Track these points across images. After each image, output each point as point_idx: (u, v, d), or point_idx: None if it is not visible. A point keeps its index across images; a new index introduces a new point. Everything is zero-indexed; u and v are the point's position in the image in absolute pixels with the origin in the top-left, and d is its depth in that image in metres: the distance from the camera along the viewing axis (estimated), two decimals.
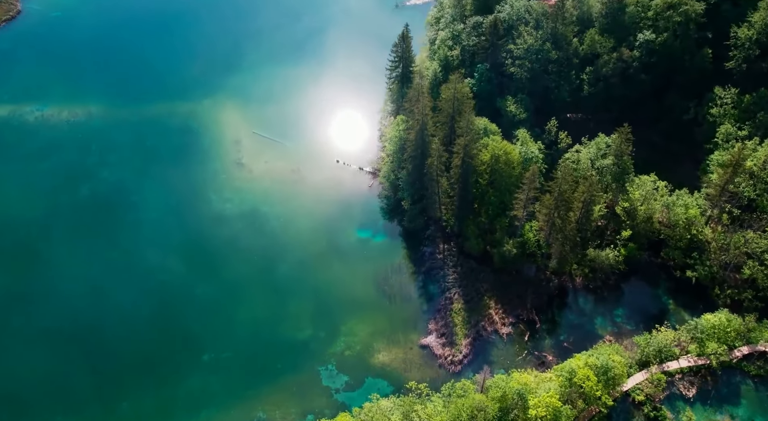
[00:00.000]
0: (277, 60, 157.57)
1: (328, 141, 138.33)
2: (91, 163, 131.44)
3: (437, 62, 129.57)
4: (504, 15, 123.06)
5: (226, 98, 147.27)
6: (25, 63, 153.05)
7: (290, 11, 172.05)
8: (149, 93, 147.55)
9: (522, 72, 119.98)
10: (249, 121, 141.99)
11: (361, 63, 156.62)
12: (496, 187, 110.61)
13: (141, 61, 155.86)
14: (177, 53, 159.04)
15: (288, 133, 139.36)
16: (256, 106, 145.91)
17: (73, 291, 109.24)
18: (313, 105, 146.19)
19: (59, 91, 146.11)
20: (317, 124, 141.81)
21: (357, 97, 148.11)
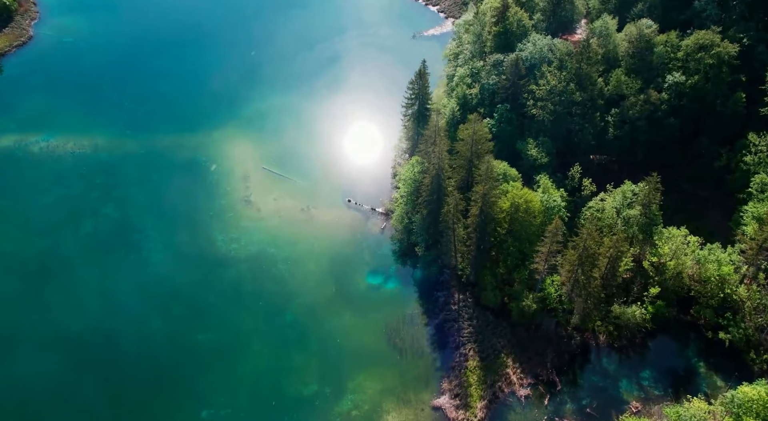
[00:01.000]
0: (290, 90, 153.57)
1: (339, 178, 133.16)
2: (95, 198, 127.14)
3: (455, 100, 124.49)
4: (526, 54, 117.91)
5: (237, 130, 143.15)
6: (33, 90, 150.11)
7: (305, 40, 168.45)
8: (158, 123, 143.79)
9: (544, 114, 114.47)
10: (259, 155, 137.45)
11: (375, 96, 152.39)
12: (516, 237, 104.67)
13: (151, 89, 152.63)
14: (188, 81, 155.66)
15: (298, 168, 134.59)
16: (267, 139, 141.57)
17: (67, 335, 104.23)
18: (325, 139, 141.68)
19: (66, 121, 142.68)
20: (329, 160, 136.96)
21: (370, 132, 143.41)
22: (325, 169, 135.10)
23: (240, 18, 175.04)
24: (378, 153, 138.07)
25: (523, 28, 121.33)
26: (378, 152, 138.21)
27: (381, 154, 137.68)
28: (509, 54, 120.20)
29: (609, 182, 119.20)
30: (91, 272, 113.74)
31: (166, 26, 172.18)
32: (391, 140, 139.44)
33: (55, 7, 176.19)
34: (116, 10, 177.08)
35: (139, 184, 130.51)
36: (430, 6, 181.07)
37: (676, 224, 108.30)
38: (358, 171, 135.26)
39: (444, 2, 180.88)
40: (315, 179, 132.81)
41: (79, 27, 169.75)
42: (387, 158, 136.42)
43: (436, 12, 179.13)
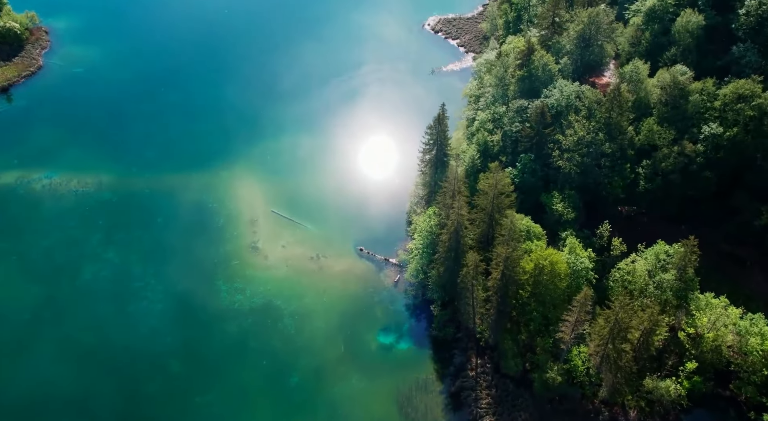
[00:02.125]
0: (303, 128, 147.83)
1: (351, 224, 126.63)
2: (96, 241, 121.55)
3: (475, 147, 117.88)
4: (552, 101, 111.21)
5: (246, 170, 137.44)
6: (39, 123, 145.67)
7: (320, 74, 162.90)
8: (165, 161, 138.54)
9: (571, 166, 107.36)
10: (268, 197, 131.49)
11: (391, 136, 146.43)
12: (540, 301, 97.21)
13: (160, 123, 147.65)
14: (197, 116, 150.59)
15: (309, 212, 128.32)
16: (277, 180, 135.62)
17: (58, 396, 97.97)
18: (338, 181, 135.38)
19: (71, 157, 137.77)
20: (341, 204, 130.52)
21: (385, 176, 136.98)
22: (336, 214, 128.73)
23: (255, 50, 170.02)
24: (393, 198, 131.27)
25: (548, 72, 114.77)
26: (393, 198, 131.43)
27: (396, 199, 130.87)
28: (534, 100, 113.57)
29: (638, 235, 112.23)
30: (86, 324, 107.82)
31: (180, 57, 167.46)
32: (407, 184, 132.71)
33: (67, 36, 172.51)
34: (129, 39, 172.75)
35: (142, 227, 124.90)
36: (450, 40, 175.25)
37: (712, 287, 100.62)
38: (371, 217, 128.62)
39: (464, 36, 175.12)
40: (326, 225, 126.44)
41: (90, 56, 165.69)
42: (402, 204, 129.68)
43: (455, 46, 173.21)
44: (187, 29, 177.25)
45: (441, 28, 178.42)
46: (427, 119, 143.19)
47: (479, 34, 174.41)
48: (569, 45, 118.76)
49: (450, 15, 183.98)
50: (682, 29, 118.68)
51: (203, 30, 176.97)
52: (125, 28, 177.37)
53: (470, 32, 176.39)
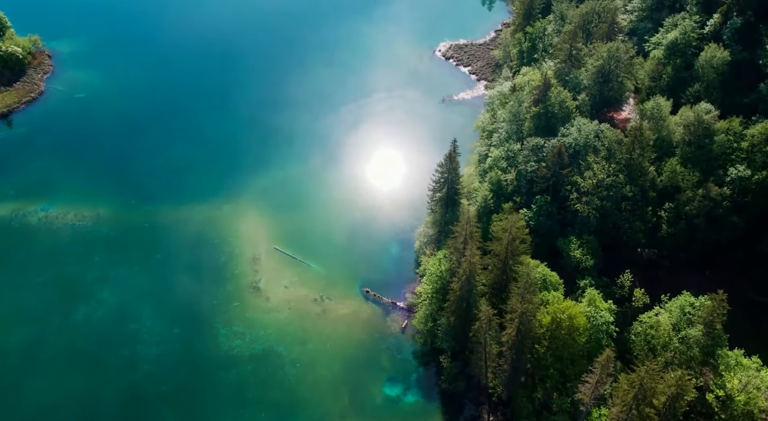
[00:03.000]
0: (310, 158, 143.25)
1: (357, 263, 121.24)
2: (91, 279, 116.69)
3: (488, 185, 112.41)
4: (569, 140, 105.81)
5: (249, 203, 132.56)
6: (38, 152, 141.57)
7: (329, 101, 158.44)
8: (166, 192, 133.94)
9: (589, 209, 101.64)
10: (271, 232, 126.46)
11: (400, 168, 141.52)
12: (557, 357, 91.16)
13: (162, 152, 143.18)
14: (202, 144, 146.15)
15: (313, 250, 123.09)
16: (281, 215, 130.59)
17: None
18: (344, 216, 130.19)
19: (69, 188, 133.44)
20: (347, 241, 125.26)
21: (393, 212, 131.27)
22: (342, 252, 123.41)
23: (263, 76, 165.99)
24: (401, 236, 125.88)
25: (566, 109, 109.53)
26: (401, 235, 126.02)
27: (404, 237, 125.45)
28: (550, 138, 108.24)
29: (659, 281, 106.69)
30: (76, 369, 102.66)
31: (185, 82, 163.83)
32: (416, 222, 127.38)
33: (70, 60, 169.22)
34: (133, 63, 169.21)
35: (140, 263, 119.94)
36: (461, 67, 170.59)
37: (741, 341, 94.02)
38: (378, 255, 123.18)
39: (476, 63, 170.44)
40: (331, 263, 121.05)
41: (93, 81, 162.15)
42: (411, 242, 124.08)
43: (467, 73, 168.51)
44: (193, 53, 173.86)
45: (452, 54, 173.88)
46: (438, 151, 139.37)
47: (491, 61, 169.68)
48: (587, 80, 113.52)
49: (461, 41, 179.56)
50: (706, 65, 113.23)
51: (210, 53, 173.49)
52: (130, 52, 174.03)
53: (482, 59, 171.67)
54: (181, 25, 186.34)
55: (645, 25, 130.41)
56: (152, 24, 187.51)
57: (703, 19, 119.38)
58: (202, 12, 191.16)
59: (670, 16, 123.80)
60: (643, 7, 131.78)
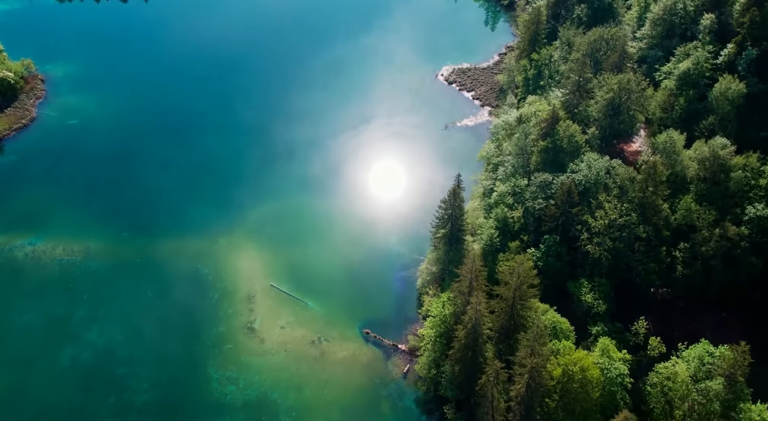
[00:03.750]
0: (307, 188, 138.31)
1: (356, 302, 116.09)
2: (79, 318, 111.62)
3: (493, 222, 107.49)
4: (579, 177, 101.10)
5: (245, 236, 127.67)
6: (27, 182, 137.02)
7: (327, 128, 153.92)
8: (159, 225, 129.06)
9: (601, 251, 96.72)
10: (268, 268, 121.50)
11: (401, 201, 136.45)
12: (569, 411, 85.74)
13: (156, 182, 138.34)
14: (197, 174, 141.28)
15: (311, 287, 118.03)
16: (278, 248, 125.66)
17: None
18: (344, 251, 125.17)
19: (58, 220, 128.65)
20: (346, 278, 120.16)
21: (394, 247, 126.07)
22: (341, 289, 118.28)
23: (261, 101, 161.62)
24: (403, 273, 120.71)
25: (575, 144, 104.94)
26: (403, 271, 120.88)
27: (406, 274, 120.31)
28: (559, 175, 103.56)
29: (674, 322, 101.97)
30: (59, 418, 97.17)
31: (181, 108, 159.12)
32: (418, 255, 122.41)
33: (64, 84, 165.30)
34: (129, 88, 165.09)
35: (130, 301, 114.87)
36: (465, 92, 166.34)
37: (763, 390, 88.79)
38: (378, 293, 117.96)
39: (479, 88, 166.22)
40: (329, 302, 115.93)
41: (86, 107, 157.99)
42: (413, 279, 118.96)
43: (470, 99, 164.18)
44: (190, 76, 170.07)
45: (455, 78, 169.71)
46: (441, 181, 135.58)
47: (495, 86, 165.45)
48: (597, 113, 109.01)
49: (464, 65, 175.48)
50: (721, 97, 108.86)
51: (207, 77, 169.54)
52: (126, 74, 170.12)
53: (486, 84, 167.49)
54: (178, 46, 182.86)
55: (655, 53, 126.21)
56: (149, 45, 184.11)
57: (716, 48, 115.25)
58: (199, 33, 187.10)
59: (682, 45, 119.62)
60: (652, 34, 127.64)
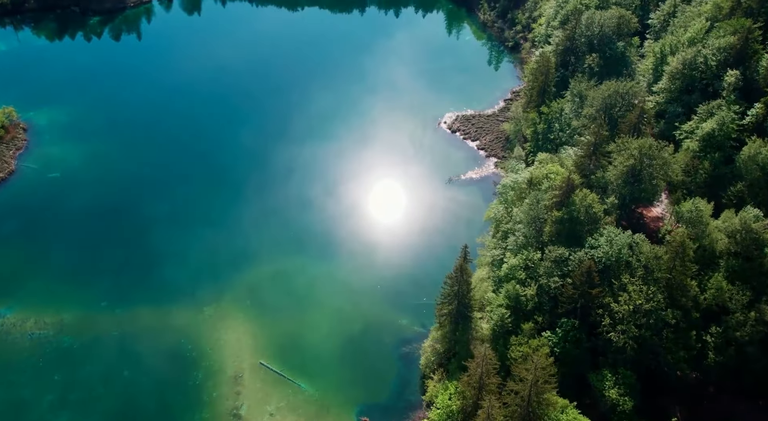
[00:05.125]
0: (301, 251, 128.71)
1: (354, 382, 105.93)
2: (47, 404, 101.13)
3: (504, 299, 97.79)
4: (599, 254, 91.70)
5: (234, 305, 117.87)
6: (1, 243, 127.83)
7: (324, 182, 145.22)
8: (141, 292, 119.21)
9: (625, 338, 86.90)
10: (257, 342, 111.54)
11: (402, 265, 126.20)
12: None
13: (140, 243, 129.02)
14: (184, 233, 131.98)
15: (304, 365, 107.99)
16: (269, 319, 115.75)
17: None
18: (340, 322, 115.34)
19: (32, 287, 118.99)
20: (342, 354, 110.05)
21: (394, 318, 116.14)
22: (337, 367, 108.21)
23: (252, 152, 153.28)
24: (404, 349, 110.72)
25: (593, 216, 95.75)
26: (404, 348, 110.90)
27: (408, 350, 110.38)
28: (576, 249, 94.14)
29: (704, 410, 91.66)
30: None
31: (169, 160, 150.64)
32: (421, 328, 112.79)
33: (47, 133, 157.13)
34: (116, 136, 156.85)
35: (105, 383, 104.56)
36: (469, 141, 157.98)
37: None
38: (378, 373, 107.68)
39: (484, 137, 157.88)
40: (324, 382, 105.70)
41: (69, 158, 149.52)
42: (415, 356, 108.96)
43: (475, 148, 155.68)
44: (181, 126, 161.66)
45: (459, 126, 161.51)
46: (444, 244, 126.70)
47: (501, 135, 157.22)
48: (616, 180, 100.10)
49: (468, 111, 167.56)
50: (750, 161, 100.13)
51: (199, 127, 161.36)
52: (113, 121, 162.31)
53: (491, 132, 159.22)
54: (170, 88, 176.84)
55: (674, 109, 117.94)
56: (141, 87, 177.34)
57: (742, 108, 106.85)
58: (193, 74, 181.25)
59: (704, 102, 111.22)
60: (671, 88, 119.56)
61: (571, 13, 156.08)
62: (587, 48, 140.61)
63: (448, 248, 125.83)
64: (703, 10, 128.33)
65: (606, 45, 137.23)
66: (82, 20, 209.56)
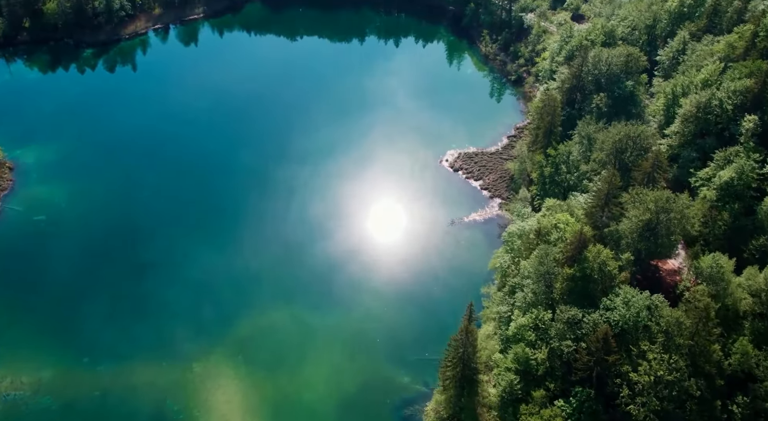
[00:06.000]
0: (295, 302, 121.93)
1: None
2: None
3: (512, 363, 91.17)
4: (616, 317, 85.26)
5: (223, 361, 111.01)
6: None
7: (321, 228, 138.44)
8: (127, 346, 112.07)
9: (646, 412, 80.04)
10: (248, 402, 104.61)
11: (404, 314, 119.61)
12: None
13: (127, 290, 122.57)
14: (173, 282, 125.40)
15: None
16: (260, 377, 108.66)
17: None
18: (337, 379, 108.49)
19: (9, 342, 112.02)
20: (338, 416, 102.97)
21: (394, 376, 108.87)
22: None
23: (247, 195, 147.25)
24: (406, 414, 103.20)
25: (607, 274, 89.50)
26: (406, 412, 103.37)
27: (410, 415, 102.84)
28: (590, 311, 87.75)
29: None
30: None
31: (160, 202, 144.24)
32: (423, 386, 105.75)
33: (34, 172, 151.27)
34: (105, 176, 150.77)
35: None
36: (472, 180, 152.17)
37: None
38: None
39: (488, 176, 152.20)
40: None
41: (56, 199, 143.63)
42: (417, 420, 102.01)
43: (478, 189, 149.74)
44: (171, 165, 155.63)
45: (461, 165, 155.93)
46: (448, 292, 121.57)
47: (505, 174, 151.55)
48: (631, 234, 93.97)
49: (471, 149, 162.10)
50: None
51: (192, 166, 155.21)
52: (104, 159, 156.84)
53: (495, 171, 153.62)
54: (163, 124, 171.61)
55: (689, 153, 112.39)
56: (134, 121, 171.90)
57: (762, 156, 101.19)
58: (184, 112, 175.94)
59: (721, 149, 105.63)
60: (684, 132, 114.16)
61: (577, 49, 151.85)
62: (594, 86, 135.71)
63: (451, 297, 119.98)
64: (715, 50, 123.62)
65: (614, 84, 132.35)
66: (75, 53, 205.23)
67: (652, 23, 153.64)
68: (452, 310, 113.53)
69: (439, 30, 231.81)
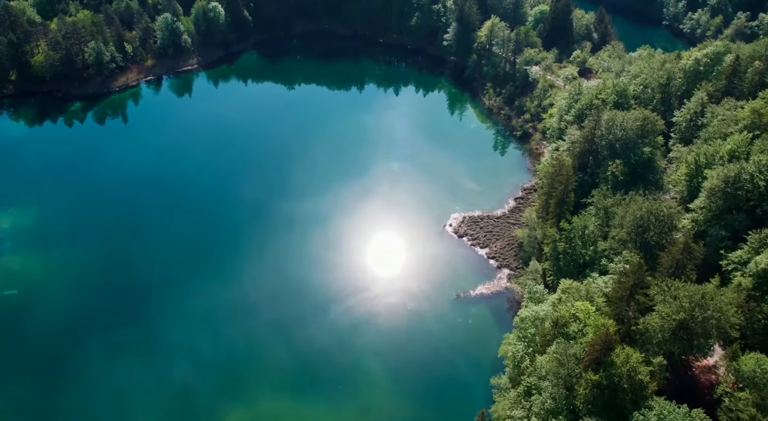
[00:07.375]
0: (286, 389, 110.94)
1: None
2: None
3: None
4: None
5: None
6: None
7: (316, 300, 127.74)
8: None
9: None
10: None
11: (403, 410, 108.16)
12: None
13: (106, 375, 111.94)
14: (155, 362, 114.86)
15: None
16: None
17: None
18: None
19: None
20: None
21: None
22: None
23: (238, 265, 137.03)
24: None
25: (638, 383, 78.63)
26: None
27: None
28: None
29: None
30: None
31: (144, 273, 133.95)
32: None
33: (10, 240, 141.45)
34: (85, 244, 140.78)
35: None
36: (478, 248, 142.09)
37: None
38: None
39: (495, 243, 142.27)
40: None
41: (31, 271, 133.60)
42: None
43: (485, 257, 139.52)
44: (155, 239, 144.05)
45: (466, 230, 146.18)
46: (452, 381, 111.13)
47: (513, 241, 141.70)
48: (662, 334, 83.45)
49: (476, 212, 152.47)
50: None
51: (181, 236, 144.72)
52: (86, 226, 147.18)
53: (502, 237, 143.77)
54: (153, 185, 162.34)
55: (717, 231, 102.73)
56: (120, 180, 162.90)
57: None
58: (182, 163, 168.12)
59: (755, 230, 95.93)
60: (711, 207, 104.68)
61: (587, 108, 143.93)
62: (608, 151, 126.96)
63: (457, 386, 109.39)
64: (740, 117, 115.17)
65: (630, 150, 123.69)
66: (63, 106, 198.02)
67: (665, 82, 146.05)
68: (458, 401, 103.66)
69: (440, 81, 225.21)
